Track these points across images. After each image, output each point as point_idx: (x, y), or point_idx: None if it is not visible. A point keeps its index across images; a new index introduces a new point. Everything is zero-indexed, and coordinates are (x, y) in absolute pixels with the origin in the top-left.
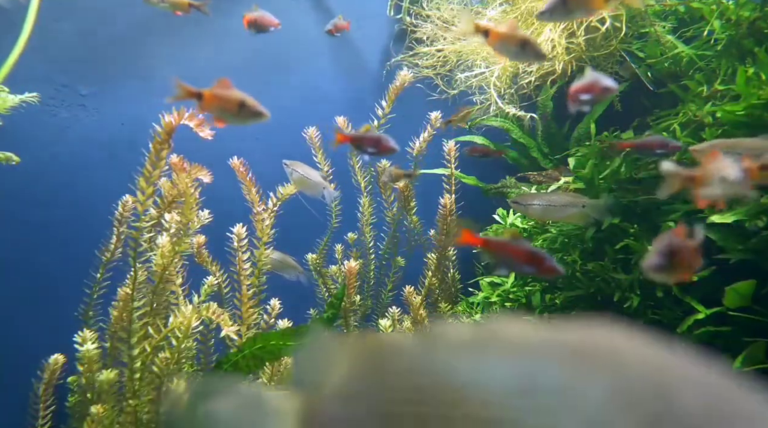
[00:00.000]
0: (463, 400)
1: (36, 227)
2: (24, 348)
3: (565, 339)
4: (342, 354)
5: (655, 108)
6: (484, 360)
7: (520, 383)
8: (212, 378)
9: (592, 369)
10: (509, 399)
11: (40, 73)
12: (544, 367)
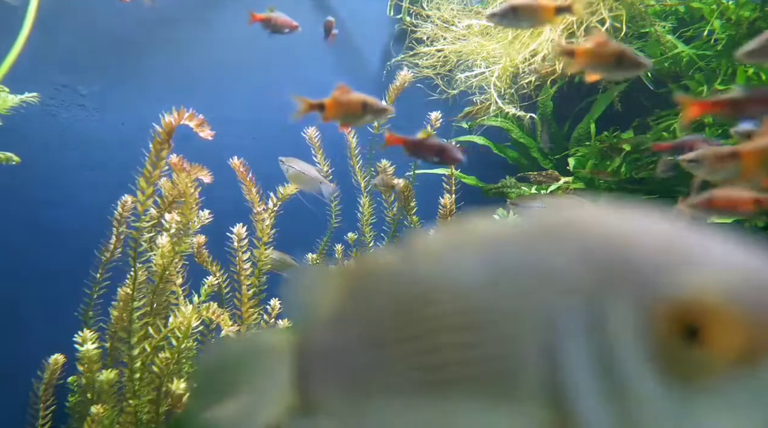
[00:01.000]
0: (439, 306)
1: (36, 227)
2: (24, 348)
3: (531, 222)
4: (330, 283)
5: (655, 108)
6: (456, 261)
7: (488, 274)
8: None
9: (554, 244)
10: (481, 293)
11: (40, 73)
12: (510, 252)
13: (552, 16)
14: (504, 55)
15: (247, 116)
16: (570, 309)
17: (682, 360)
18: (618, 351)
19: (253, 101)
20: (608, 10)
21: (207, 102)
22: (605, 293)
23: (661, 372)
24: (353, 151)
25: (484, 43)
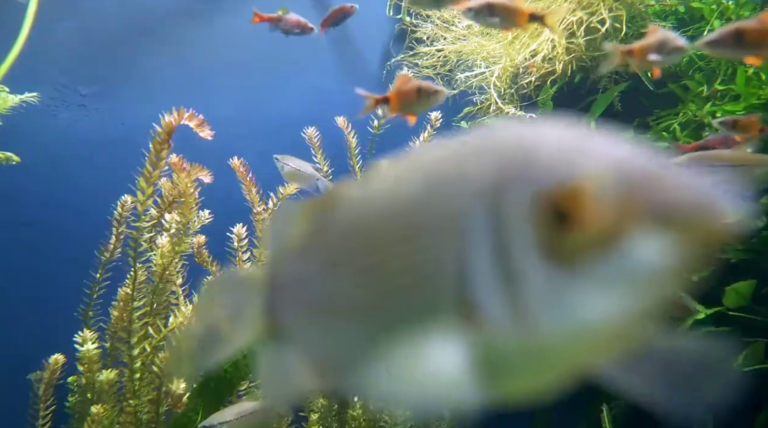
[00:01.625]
0: (382, 225)
1: (36, 227)
2: (24, 348)
3: (462, 140)
4: (299, 217)
5: (655, 108)
6: (398, 184)
7: (420, 191)
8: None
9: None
10: (414, 209)
11: (40, 73)
12: (438, 169)
13: (525, 22)
14: (504, 55)
15: (247, 115)
16: (478, 210)
17: (560, 245)
18: (511, 242)
19: (254, 101)
20: (608, 10)
21: (207, 102)
22: (505, 191)
23: (544, 257)
24: (353, 151)
25: (484, 43)
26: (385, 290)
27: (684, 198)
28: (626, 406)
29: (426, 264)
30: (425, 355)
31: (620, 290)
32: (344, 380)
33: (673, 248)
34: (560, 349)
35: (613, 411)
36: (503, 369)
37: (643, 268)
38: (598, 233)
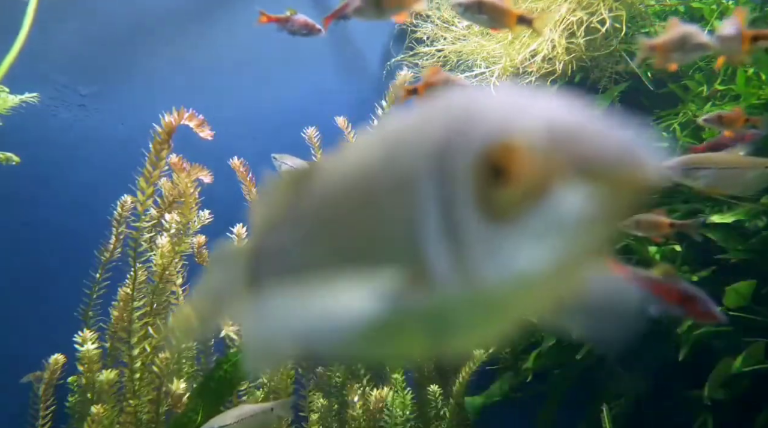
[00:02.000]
0: (348, 191)
1: (36, 227)
2: (24, 348)
3: (422, 108)
4: (280, 190)
5: (655, 108)
6: (363, 152)
7: (382, 156)
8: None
9: (428, 119)
10: (376, 174)
11: (40, 73)
12: (400, 135)
13: (513, 23)
14: (504, 56)
15: (247, 115)
16: (426, 173)
17: (497, 200)
18: (454, 200)
19: (254, 101)
20: (608, 10)
21: (207, 102)
22: (449, 152)
23: (483, 213)
24: None
25: (484, 44)
26: (350, 255)
27: (605, 151)
28: (626, 406)
29: (383, 228)
30: (381, 315)
31: (551, 240)
32: (318, 344)
33: (597, 198)
34: (502, 300)
35: (613, 411)
36: (453, 323)
37: (570, 218)
38: (529, 187)
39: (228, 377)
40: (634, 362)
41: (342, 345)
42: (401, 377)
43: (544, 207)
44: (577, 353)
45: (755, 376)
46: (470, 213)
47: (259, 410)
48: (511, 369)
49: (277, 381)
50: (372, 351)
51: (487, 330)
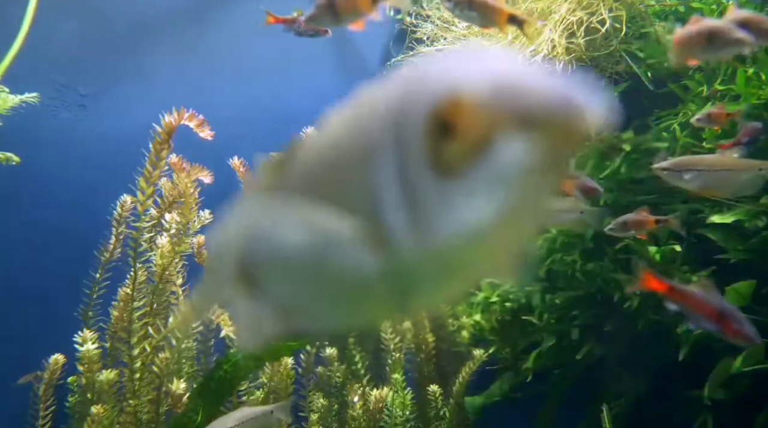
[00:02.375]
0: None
1: (36, 227)
2: (24, 348)
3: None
4: (267, 171)
5: (655, 108)
6: (336, 123)
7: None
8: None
9: (391, 86)
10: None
11: (40, 73)
12: (366, 104)
13: (504, 22)
14: None
15: (247, 115)
16: (386, 138)
17: (446, 156)
18: (409, 160)
19: (254, 101)
20: (608, 10)
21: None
22: (404, 115)
23: (435, 170)
24: None
25: (484, 44)
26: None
27: (545, 101)
28: (626, 406)
29: (350, 196)
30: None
31: (497, 192)
32: (306, 320)
33: (538, 148)
34: (457, 256)
35: (613, 411)
36: (415, 282)
37: (514, 169)
38: (475, 140)
39: (228, 377)
40: (634, 362)
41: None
42: (401, 377)
43: (489, 160)
44: (577, 353)
45: (755, 376)
46: (423, 171)
47: (259, 413)
48: (511, 369)
49: (277, 381)
50: (343, 312)
51: (446, 287)
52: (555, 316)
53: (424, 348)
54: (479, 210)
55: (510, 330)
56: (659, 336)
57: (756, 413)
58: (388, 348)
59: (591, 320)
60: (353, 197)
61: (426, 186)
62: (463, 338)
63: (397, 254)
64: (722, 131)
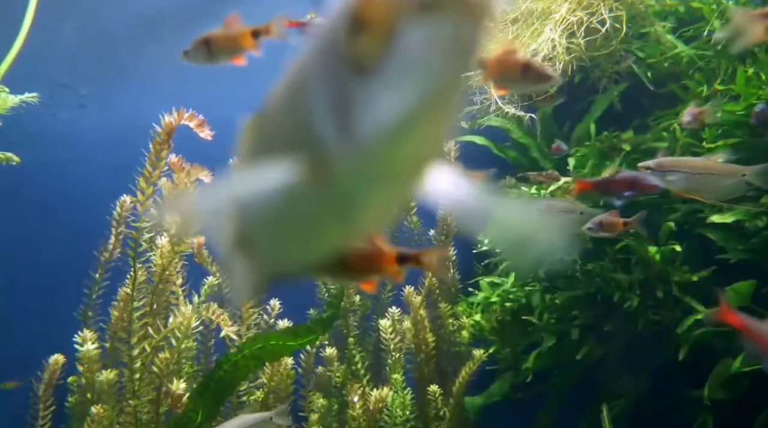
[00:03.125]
0: (275, 110)
1: (36, 227)
2: (24, 348)
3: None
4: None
5: (655, 108)
6: (286, 80)
7: (295, 77)
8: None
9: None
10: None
11: (40, 73)
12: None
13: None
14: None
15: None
16: (318, 59)
17: (359, 51)
18: (334, 69)
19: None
20: (608, 10)
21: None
22: (332, 32)
23: (352, 68)
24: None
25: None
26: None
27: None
28: (626, 406)
29: (297, 128)
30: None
31: (413, 79)
32: (283, 262)
33: (444, 29)
34: (387, 156)
35: (613, 411)
36: (355, 198)
37: (424, 53)
38: (382, 29)
39: (228, 377)
40: (634, 362)
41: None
42: (401, 377)
43: (400, 48)
44: (577, 353)
45: (755, 376)
46: (344, 73)
47: (258, 419)
48: (511, 369)
49: (277, 381)
50: (307, 246)
51: (385, 196)
52: (555, 316)
53: (424, 348)
54: (399, 100)
55: (510, 330)
56: (659, 336)
57: (756, 413)
58: (388, 348)
59: (591, 320)
60: (300, 128)
61: (348, 87)
62: (463, 338)
63: (336, 169)
64: (723, 131)
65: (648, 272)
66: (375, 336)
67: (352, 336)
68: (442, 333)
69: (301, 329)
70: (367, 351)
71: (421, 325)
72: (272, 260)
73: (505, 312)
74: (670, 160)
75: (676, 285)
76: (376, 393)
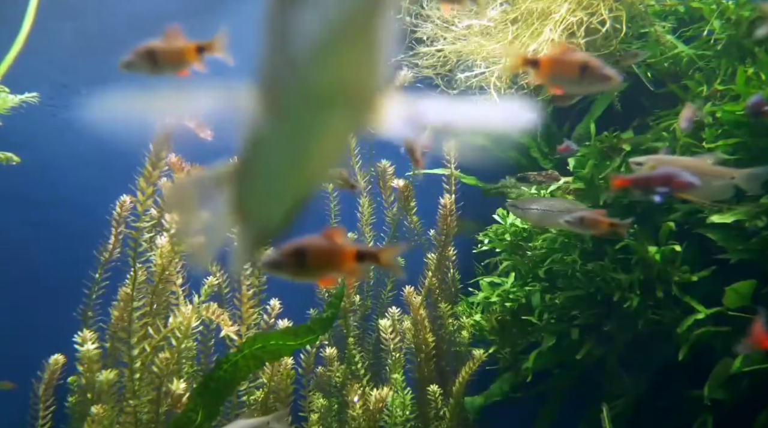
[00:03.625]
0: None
1: (36, 227)
2: (24, 348)
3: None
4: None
5: (655, 108)
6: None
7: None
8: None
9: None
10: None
11: (40, 73)
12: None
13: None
14: (504, 55)
15: None
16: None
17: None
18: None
19: None
20: (608, 10)
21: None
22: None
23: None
24: (353, 151)
25: (484, 43)
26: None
27: None
28: (626, 406)
29: (261, 62)
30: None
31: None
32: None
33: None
34: (323, 78)
35: (613, 411)
36: (304, 127)
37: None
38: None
39: (228, 377)
40: (634, 362)
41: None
42: (401, 377)
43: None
44: (577, 353)
45: (755, 376)
46: (286, 2)
47: (256, 424)
48: (511, 369)
49: (277, 381)
50: (270, 183)
51: (333, 127)
52: (555, 316)
53: (424, 348)
54: (321, 18)
55: (510, 330)
56: (659, 336)
57: (756, 413)
58: (388, 348)
59: (591, 320)
60: (262, 65)
61: (286, 12)
62: (463, 338)
63: (282, 95)
64: (723, 130)
65: (648, 272)
66: (375, 336)
67: (352, 336)
68: (442, 333)
69: (301, 329)
70: (367, 351)
71: (421, 325)
72: (257, 213)
73: (505, 312)
74: (660, 158)
75: (676, 285)
76: (376, 393)
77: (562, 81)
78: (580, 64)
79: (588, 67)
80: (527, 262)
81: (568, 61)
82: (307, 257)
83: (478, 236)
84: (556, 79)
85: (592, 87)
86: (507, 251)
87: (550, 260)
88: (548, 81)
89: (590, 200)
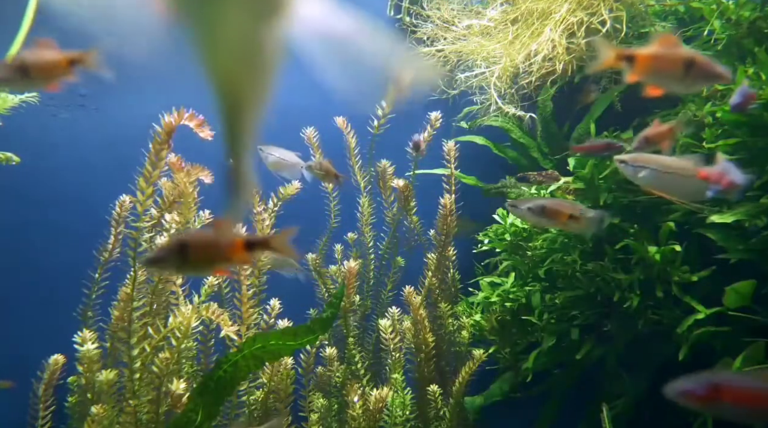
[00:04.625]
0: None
1: (36, 227)
2: (24, 348)
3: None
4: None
5: (655, 108)
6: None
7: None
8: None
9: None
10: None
11: None
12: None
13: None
14: (504, 55)
15: None
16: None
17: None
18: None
19: None
20: (608, 10)
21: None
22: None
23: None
24: (352, 151)
25: (484, 43)
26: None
27: None
28: (626, 406)
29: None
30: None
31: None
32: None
33: None
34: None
35: (613, 411)
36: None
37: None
38: None
39: (228, 377)
40: (634, 362)
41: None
42: (401, 377)
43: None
44: (577, 353)
45: None
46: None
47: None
48: (511, 369)
49: (277, 381)
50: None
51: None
52: (555, 316)
53: (424, 348)
54: None
55: (510, 330)
56: (659, 336)
57: None
58: (388, 348)
59: (591, 320)
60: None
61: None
62: (463, 338)
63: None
64: (723, 130)
65: (648, 272)
66: (375, 336)
67: (352, 336)
68: (442, 333)
69: (301, 329)
70: (367, 351)
71: (421, 325)
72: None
73: (505, 312)
74: (644, 156)
75: (676, 285)
76: (375, 393)
77: (663, 78)
78: (686, 60)
79: (695, 63)
80: (527, 262)
81: (671, 57)
82: (189, 250)
83: (478, 236)
84: (656, 76)
85: (695, 86)
86: (507, 251)
87: (550, 261)
88: (646, 79)
89: (590, 200)
